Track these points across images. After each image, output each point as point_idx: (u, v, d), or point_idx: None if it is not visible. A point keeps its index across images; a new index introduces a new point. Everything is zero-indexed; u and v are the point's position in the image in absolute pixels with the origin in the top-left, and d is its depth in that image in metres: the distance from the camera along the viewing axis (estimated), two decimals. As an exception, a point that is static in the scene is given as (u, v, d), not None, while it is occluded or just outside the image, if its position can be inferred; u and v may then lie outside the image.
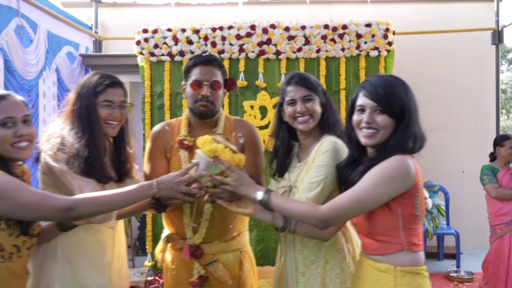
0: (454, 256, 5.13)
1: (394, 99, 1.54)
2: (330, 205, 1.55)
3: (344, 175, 1.68)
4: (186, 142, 2.02)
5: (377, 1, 5.67)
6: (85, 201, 1.59)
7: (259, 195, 1.66)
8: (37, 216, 1.58)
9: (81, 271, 1.81)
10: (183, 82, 2.07)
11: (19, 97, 1.67)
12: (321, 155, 1.78)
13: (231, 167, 1.71)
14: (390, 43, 4.39)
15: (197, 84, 1.97)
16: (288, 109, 1.88)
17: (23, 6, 4.00)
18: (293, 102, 1.87)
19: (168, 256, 2.09)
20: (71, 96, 1.87)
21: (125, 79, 5.66)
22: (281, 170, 1.97)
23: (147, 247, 4.39)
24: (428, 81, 5.73)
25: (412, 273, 1.52)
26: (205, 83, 1.96)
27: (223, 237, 2.04)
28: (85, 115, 1.81)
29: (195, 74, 1.99)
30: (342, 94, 4.39)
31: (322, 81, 4.39)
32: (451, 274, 4.79)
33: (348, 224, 1.88)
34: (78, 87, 1.87)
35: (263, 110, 4.40)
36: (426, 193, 4.45)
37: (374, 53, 4.39)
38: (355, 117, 1.62)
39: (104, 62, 5.22)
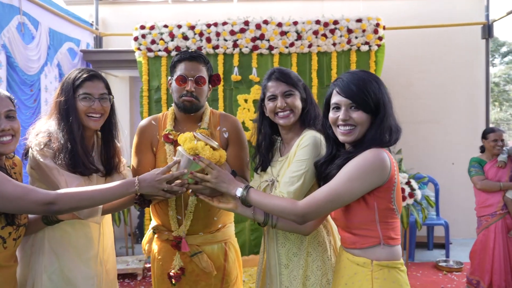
0: (444, 246, 5.20)
1: (368, 95, 1.52)
2: (308, 200, 1.54)
3: (323, 171, 1.67)
4: (171, 137, 2.02)
5: (369, -4, 5.70)
6: (66, 196, 1.58)
7: (239, 191, 1.66)
8: (19, 209, 1.56)
9: (68, 264, 1.82)
10: (169, 77, 2.08)
11: (4, 93, 1.67)
12: (302, 150, 1.77)
13: (211, 165, 1.71)
14: (380, 38, 4.45)
15: (182, 79, 1.97)
16: (269, 105, 1.88)
17: (24, 4, 4.10)
18: (273, 98, 1.86)
19: (155, 246, 2.11)
20: (56, 92, 1.89)
21: (124, 73, 5.84)
22: (263, 165, 1.97)
23: (145, 235, 4.50)
24: (420, 75, 5.76)
25: (389, 267, 1.51)
26: (190, 78, 1.96)
27: (207, 229, 2.04)
28: (65, 109, 1.81)
29: (180, 69, 1.98)
30: (334, 88, 4.47)
31: (314, 75, 4.50)
32: (440, 264, 4.85)
33: (330, 217, 1.88)
34: (61, 83, 1.88)
35: (257, 104, 4.48)
36: (415, 185, 4.51)
37: (364, 48, 4.45)
38: (331, 115, 1.61)
39: (104, 58, 5.36)
